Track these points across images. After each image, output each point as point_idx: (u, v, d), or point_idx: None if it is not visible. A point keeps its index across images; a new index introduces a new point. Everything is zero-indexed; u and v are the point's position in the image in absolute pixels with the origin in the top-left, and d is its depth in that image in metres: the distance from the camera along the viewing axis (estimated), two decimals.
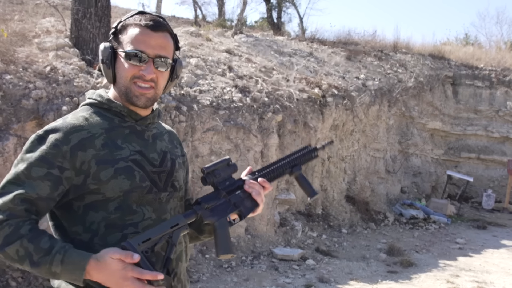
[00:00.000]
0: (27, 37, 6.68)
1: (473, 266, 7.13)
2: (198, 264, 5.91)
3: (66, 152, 1.49)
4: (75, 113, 1.62)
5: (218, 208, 1.66)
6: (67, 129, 1.53)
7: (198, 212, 1.61)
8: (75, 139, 1.52)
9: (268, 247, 6.91)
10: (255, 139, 7.19)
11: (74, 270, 1.38)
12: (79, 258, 1.40)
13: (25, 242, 1.38)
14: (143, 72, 1.58)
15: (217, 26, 14.21)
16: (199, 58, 8.14)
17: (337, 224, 8.82)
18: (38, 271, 1.40)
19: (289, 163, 1.90)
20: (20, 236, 1.38)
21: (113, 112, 1.64)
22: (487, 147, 13.43)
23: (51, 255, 1.38)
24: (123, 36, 1.61)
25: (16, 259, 1.39)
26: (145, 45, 1.58)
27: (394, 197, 11.34)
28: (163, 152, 1.70)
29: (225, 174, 1.73)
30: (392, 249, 7.52)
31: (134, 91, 1.60)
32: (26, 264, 1.39)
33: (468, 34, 24.44)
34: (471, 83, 13.65)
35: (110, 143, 1.57)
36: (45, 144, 1.49)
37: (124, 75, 1.60)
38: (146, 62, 1.59)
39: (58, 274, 1.39)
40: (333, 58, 11.84)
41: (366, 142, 10.80)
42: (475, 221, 10.65)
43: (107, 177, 1.52)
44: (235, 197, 1.71)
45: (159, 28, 1.61)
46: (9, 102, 4.92)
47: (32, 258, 1.38)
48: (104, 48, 1.62)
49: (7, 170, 4.65)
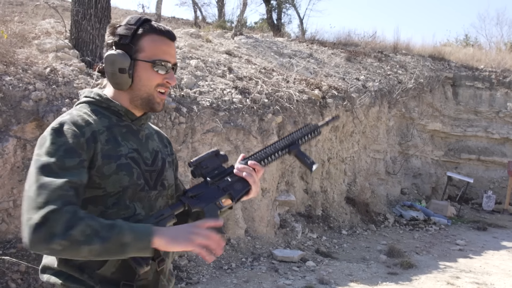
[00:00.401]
0: (27, 39, 6.67)
1: (473, 268, 7.12)
2: (197, 266, 5.90)
3: (83, 144, 1.52)
4: (77, 110, 1.65)
5: (206, 195, 1.69)
6: (80, 122, 1.56)
7: (184, 202, 1.64)
8: (88, 132, 1.55)
9: (268, 249, 6.90)
10: (255, 140, 7.19)
11: (142, 236, 1.44)
12: (144, 226, 1.48)
13: (89, 221, 1.39)
14: (169, 80, 1.68)
15: (217, 27, 14.22)
16: (199, 60, 8.14)
17: (337, 225, 8.81)
18: (108, 246, 1.40)
19: (284, 142, 1.88)
20: (80, 218, 1.39)
21: (111, 111, 1.67)
22: (487, 148, 13.43)
23: (117, 227, 1.42)
24: (142, 43, 1.64)
25: (82, 240, 1.37)
26: (168, 54, 1.67)
27: (394, 198, 11.33)
28: (155, 151, 1.75)
29: (213, 165, 1.75)
30: (392, 251, 7.51)
31: (156, 97, 1.68)
32: (96, 241, 1.38)
33: (468, 35, 24.51)
34: (471, 84, 13.66)
35: (112, 139, 1.61)
36: (65, 136, 1.51)
37: (148, 84, 1.65)
38: (170, 71, 1.68)
39: (128, 244, 1.42)
40: (333, 59, 11.84)
41: (366, 144, 10.80)
42: (475, 223, 10.64)
43: (109, 172, 1.56)
44: (223, 182, 1.73)
45: (174, 37, 1.71)
46: (8, 104, 4.92)
47: (100, 234, 1.39)
48: (122, 56, 1.62)
49: (6, 171, 4.65)
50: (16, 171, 4.75)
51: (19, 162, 4.77)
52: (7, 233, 4.66)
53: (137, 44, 1.64)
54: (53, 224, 1.35)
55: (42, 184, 1.41)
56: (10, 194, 4.70)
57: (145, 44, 1.64)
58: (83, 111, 1.63)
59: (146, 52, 1.64)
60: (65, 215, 1.37)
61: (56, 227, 1.35)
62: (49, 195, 1.39)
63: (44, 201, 1.38)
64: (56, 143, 1.49)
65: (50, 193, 1.39)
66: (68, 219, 1.37)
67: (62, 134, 1.51)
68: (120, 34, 1.65)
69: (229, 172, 1.76)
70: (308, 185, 8.74)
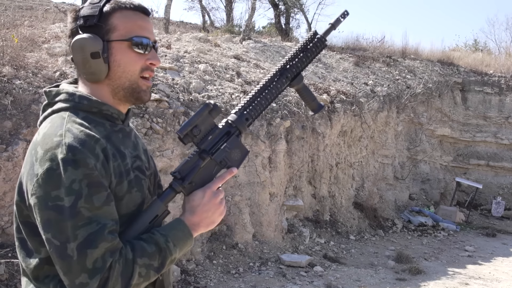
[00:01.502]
0: (37, 43, 6.72)
1: (482, 274, 7.07)
2: (205, 270, 5.90)
3: (101, 170, 1.26)
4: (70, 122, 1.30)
5: (201, 176, 1.44)
6: (88, 143, 1.26)
7: (176, 189, 1.42)
8: (100, 153, 1.28)
9: (275, 254, 6.88)
10: (263, 145, 7.18)
11: (186, 242, 1.38)
12: (181, 230, 1.38)
13: (139, 261, 1.26)
14: (152, 61, 1.40)
15: (225, 31, 14.24)
16: (207, 64, 8.16)
17: (345, 230, 8.78)
18: (163, 269, 1.34)
19: (286, 76, 1.56)
20: (132, 261, 1.25)
21: (102, 116, 1.38)
22: (497, 154, 13.35)
23: (163, 250, 1.32)
24: (113, 21, 1.36)
25: (142, 281, 1.28)
26: (146, 30, 1.39)
27: (403, 203, 11.28)
28: (144, 150, 1.52)
29: (207, 126, 1.44)
30: (401, 256, 7.47)
31: (142, 85, 1.40)
32: (153, 275, 1.31)
33: (477, 40, 24.38)
34: (480, 89, 13.60)
35: (118, 152, 1.36)
36: (82, 167, 1.22)
37: (130, 69, 1.37)
38: (151, 50, 1.40)
39: (176, 258, 1.37)
40: (341, 64, 11.83)
41: (374, 149, 10.77)
42: (484, 229, 10.57)
43: (122, 192, 1.33)
44: (220, 154, 1.46)
45: (148, 12, 1.44)
46: (18, 107, 4.95)
47: (154, 266, 1.30)
48: (92, 38, 1.33)
49: (16, 174, 4.67)
50: None
51: None
52: None
53: (108, 23, 1.35)
54: (112, 283, 1.22)
55: (82, 242, 1.20)
56: None
57: (117, 21, 1.35)
58: (78, 122, 1.30)
59: (120, 30, 1.35)
60: (118, 268, 1.22)
61: (115, 285, 1.22)
62: (95, 253, 1.20)
63: (93, 261, 1.20)
64: (77, 179, 1.20)
65: (95, 251, 1.20)
66: (122, 271, 1.23)
67: (78, 165, 1.21)
68: (84, 15, 1.35)
69: (224, 135, 1.48)
70: (316, 190, 8.72)
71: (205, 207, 1.41)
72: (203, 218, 1.41)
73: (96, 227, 1.21)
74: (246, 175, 6.94)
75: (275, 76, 1.55)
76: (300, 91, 1.60)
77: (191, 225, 1.40)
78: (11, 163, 4.66)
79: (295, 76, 1.56)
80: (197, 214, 1.41)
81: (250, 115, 1.51)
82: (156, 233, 1.33)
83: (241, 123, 1.49)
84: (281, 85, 1.55)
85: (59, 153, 1.22)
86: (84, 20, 1.35)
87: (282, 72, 1.56)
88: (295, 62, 1.56)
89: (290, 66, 1.56)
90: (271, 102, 1.55)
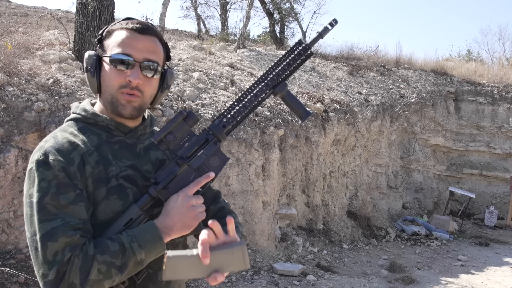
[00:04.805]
0: (31, 50, 6.71)
1: (475, 284, 7.07)
2: (197, 279, 5.87)
3: (75, 173, 1.38)
4: (63, 130, 1.49)
5: (178, 181, 1.47)
6: (66, 147, 1.40)
7: (153, 194, 1.44)
8: (77, 158, 1.40)
9: (268, 262, 6.86)
10: (256, 153, 7.18)
11: (154, 244, 1.38)
12: (149, 232, 1.39)
13: (100, 256, 1.31)
14: (129, 78, 1.44)
15: (220, 40, 14.28)
16: (202, 72, 8.17)
17: (338, 239, 8.77)
18: (127, 270, 1.35)
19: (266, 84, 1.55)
20: (91, 257, 1.30)
21: (100, 127, 1.51)
22: (490, 163, 13.41)
23: (127, 249, 1.34)
24: (107, 41, 1.50)
25: (103, 278, 1.31)
26: (132, 48, 1.46)
27: (396, 213, 11.29)
28: (159, 160, 1.58)
29: (182, 133, 1.47)
30: (394, 266, 7.46)
31: (120, 99, 1.46)
32: (115, 274, 1.32)
33: (470, 50, 24.61)
34: (473, 99, 13.68)
35: (102, 159, 1.45)
36: (53, 168, 1.35)
37: (110, 84, 1.47)
38: (133, 67, 1.46)
39: (144, 259, 1.37)
40: (335, 73, 11.87)
41: (368, 157, 10.78)
42: (477, 238, 10.58)
43: (100, 197, 1.41)
44: (196, 160, 1.49)
45: (146, 31, 1.49)
46: (11, 114, 4.93)
47: (115, 265, 1.32)
48: (89, 56, 1.50)
49: (7, 182, 4.64)
50: (17, 182, 4.74)
51: (20, 173, 4.77)
52: (7, 243, 4.65)
53: (104, 43, 1.51)
54: (69, 277, 1.28)
55: (44, 235, 1.29)
56: (10, 204, 4.70)
57: (109, 41, 1.49)
58: (69, 131, 1.47)
59: (108, 48, 1.49)
60: (77, 262, 1.29)
61: (74, 279, 1.28)
62: (55, 246, 1.29)
63: (53, 254, 1.29)
64: (46, 178, 1.34)
65: (55, 244, 1.29)
66: (81, 266, 1.29)
67: (49, 166, 1.35)
68: (98, 34, 1.54)
69: (201, 141, 1.51)
70: (310, 199, 8.71)
71: (178, 210, 1.43)
72: (176, 221, 1.43)
73: (60, 223, 1.31)
74: (239, 183, 6.93)
75: (255, 84, 1.56)
76: (284, 98, 1.59)
77: (163, 228, 1.41)
78: (2, 170, 4.63)
79: (277, 84, 1.56)
80: (170, 217, 1.43)
81: (228, 122, 1.53)
82: (124, 234, 1.38)
83: (219, 130, 1.52)
84: (261, 93, 1.55)
85: (36, 156, 1.38)
86: (98, 39, 1.55)
87: (262, 81, 1.56)
88: (277, 70, 1.57)
89: (272, 74, 1.56)
90: (252, 110, 1.55)
